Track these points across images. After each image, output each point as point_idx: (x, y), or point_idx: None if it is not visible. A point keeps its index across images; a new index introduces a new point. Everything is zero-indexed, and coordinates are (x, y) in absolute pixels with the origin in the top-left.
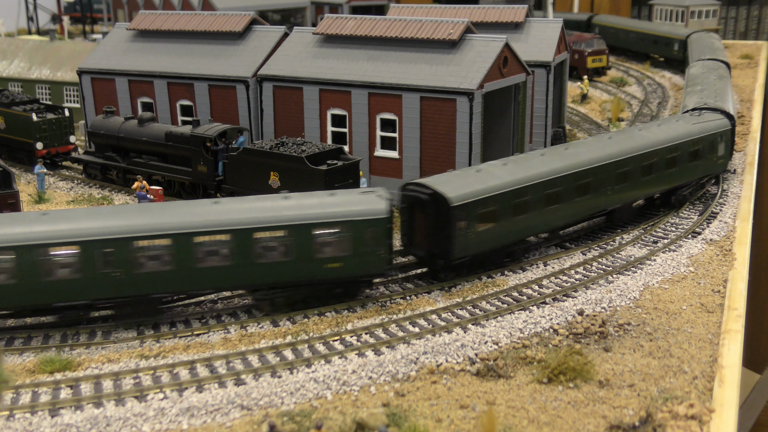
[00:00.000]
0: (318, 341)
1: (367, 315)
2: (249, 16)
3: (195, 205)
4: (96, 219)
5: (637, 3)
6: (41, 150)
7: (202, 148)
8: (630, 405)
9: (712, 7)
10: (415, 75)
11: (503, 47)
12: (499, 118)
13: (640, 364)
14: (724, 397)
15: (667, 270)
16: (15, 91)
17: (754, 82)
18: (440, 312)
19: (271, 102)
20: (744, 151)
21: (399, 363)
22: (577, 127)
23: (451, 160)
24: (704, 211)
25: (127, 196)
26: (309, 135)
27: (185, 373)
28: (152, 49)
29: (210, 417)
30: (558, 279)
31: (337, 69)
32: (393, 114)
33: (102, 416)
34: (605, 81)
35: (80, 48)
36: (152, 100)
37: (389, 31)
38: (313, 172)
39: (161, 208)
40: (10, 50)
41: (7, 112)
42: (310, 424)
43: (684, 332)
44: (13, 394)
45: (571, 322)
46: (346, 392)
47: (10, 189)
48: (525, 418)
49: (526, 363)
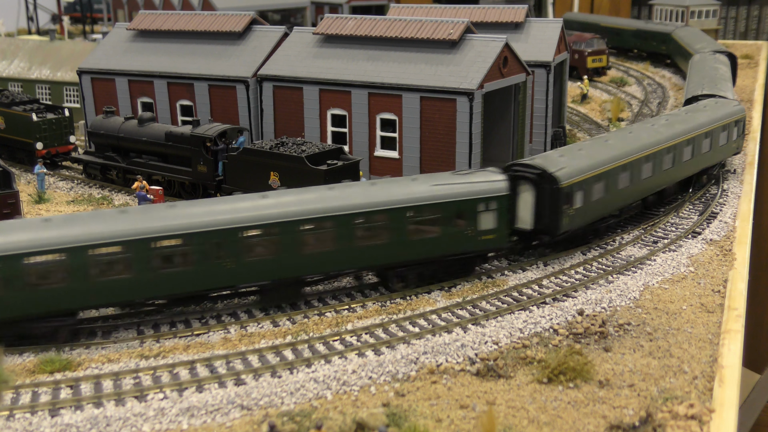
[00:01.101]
0: (318, 341)
1: (367, 315)
2: (249, 16)
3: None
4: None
5: (637, 3)
6: (41, 150)
7: (202, 148)
8: (630, 405)
9: (712, 7)
10: (415, 75)
11: (503, 47)
12: (499, 118)
13: (640, 364)
14: (724, 397)
15: (667, 270)
16: (15, 91)
17: (754, 82)
18: (440, 312)
19: (271, 102)
20: (744, 151)
21: (399, 363)
22: (577, 127)
23: (451, 160)
24: (704, 211)
25: (126, 196)
26: (309, 135)
27: (185, 373)
28: (152, 49)
29: (210, 417)
30: (558, 279)
31: (337, 69)
32: (393, 114)
33: (102, 416)
34: (605, 81)
35: (80, 48)
36: (152, 100)
37: (389, 31)
38: (313, 172)
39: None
40: (10, 50)
41: (7, 112)
42: (310, 424)
43: (684, 332)
44: (13, 394)
45: (571, 322)
46: (346, 392)
47: (10, 189)
48: (525, 418)
49: (526, 363)
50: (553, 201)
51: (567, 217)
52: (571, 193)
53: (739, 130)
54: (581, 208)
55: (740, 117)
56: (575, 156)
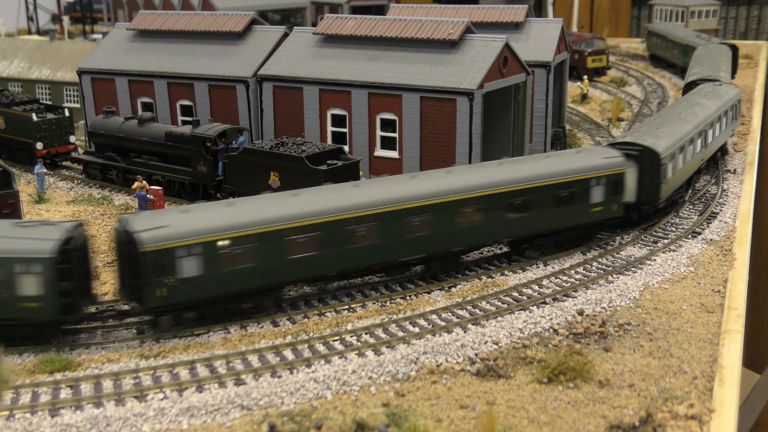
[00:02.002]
0: (318, 341)
1: (367, 315)
2: (249, 16)
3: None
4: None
5: (637, 3)
6: (41, 150)
7: (202, 148)
8: (630, 405)
9: (712, 7)
10: (415, 75)
11: (503, 47)
12: (499, 118)
13: (640, 364)
14: (724, 397)
15: (667, 270)
16: (15, 91)
17: (754, 82)
18: (440, 312)
19: (271, 102)
20: (744, 151)
21: (399, 363)
22: (577, 127)
23: (451, 159)
24: (704, 211)
25: (127, 196)
26: (309, 135)
27: (185, 373)
28: (152, 49)
29: (210, 417)
30: (558, 279)
31: (337, 69)
32: (393, 114)
33: (102, 416)
34: (605, 81)
35: (80, 48)
36: (152, 100)
37: (389, 31)
38: (313, 172)
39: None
40: (10, 50)
41: (7, 112)
42: (310, 424)
43: (684, 332)
44: (13, 394)
45: (571, 322)
46: (346, 392)
47: (10, 189)
48: (525, 418)
49: (526, 363)
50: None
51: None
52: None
53: None
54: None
55: None
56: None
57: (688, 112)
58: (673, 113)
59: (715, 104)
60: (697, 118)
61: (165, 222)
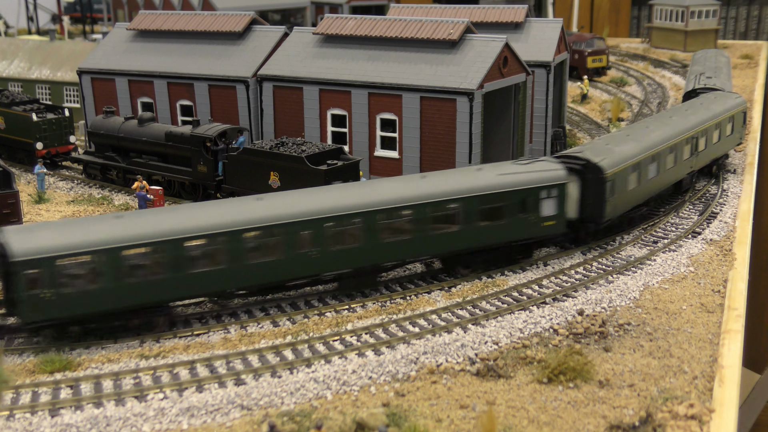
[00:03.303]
0: (318, 341)
1: (367, 315)
2: (249, 16)
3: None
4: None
5: (637, 3)
6: (41, 150)
7: (202, 148)
8: (630, 405)
9: (712, 7)
10: (415, 75)
11: (503, 47)
12: (499, 118)
13: (640, 364)
14: (724, 397)
15: (667, 270)
16: (15, 91)
17: (754, 82)
18: (440, 312)
19: (271, 102)
20: (744, 151)
21: (399, 363)
22: (577, 127)
23: (452, 160)
24: (704, 211)
25: (127, 196)
26: (309, 135)
27: (185, 373)
28: (152, 49)
29: (210, 417)
30: (558, 279)
31: (337, 69)
32: (393, 114)
33: (102, 416)
34: (605, 81)
35: (80, 48)
36: (152, 100)
37: (389, 31)
38: (313, 172)
39: None
40: (10, 50)
41: (7, 112)
42: (310, 424)
43: (684, 332)
44: (13, 394)
45: (571, 322)
46: (346, 392)
47: (10, 189)
48: (525, 418)
49: (526, 363)
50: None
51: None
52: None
53: None
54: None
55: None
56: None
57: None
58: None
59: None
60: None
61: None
